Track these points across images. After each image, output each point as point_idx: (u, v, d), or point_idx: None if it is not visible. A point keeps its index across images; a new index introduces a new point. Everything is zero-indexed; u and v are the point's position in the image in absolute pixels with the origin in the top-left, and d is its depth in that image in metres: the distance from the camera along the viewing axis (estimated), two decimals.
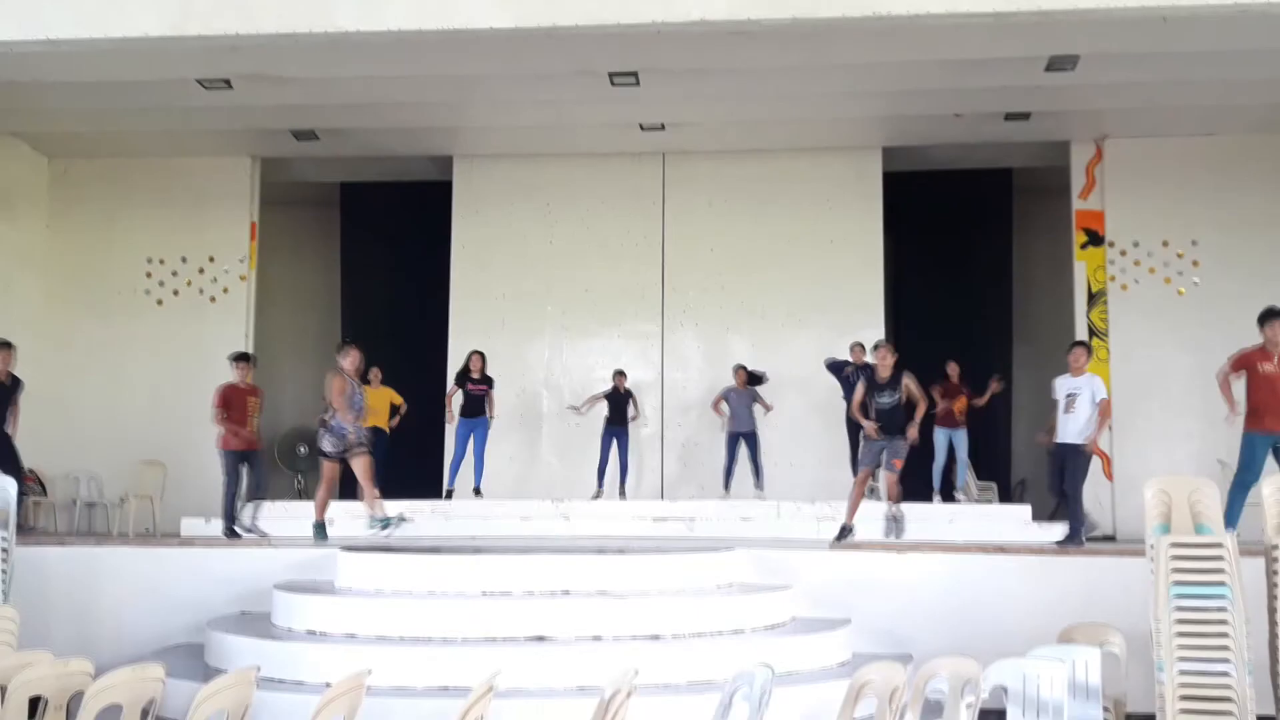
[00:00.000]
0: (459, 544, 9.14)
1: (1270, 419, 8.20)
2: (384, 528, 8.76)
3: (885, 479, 9.26)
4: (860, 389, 9.33)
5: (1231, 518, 7.94)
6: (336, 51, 9.21)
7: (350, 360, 8.99)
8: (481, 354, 11.79)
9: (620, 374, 12.29)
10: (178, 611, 8.02)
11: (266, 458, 14.19)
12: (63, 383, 12.94)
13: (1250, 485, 8.15)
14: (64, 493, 12.62)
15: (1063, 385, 8.95)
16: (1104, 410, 8.82)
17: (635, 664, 4.93)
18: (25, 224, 13.13)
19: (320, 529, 9.11)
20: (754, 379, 12.08)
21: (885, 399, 9.11)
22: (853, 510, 9.08)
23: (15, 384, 9.97)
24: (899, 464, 9.13)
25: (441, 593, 7.03)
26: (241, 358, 10.38)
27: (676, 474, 13.00)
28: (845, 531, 8.99)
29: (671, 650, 6.51)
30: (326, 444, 8.92)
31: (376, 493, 8.92)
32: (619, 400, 12.21)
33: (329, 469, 9.13)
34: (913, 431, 9.07)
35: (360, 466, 8.85)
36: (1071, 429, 8.76)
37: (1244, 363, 8.37)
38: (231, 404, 10.02)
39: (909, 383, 9.13)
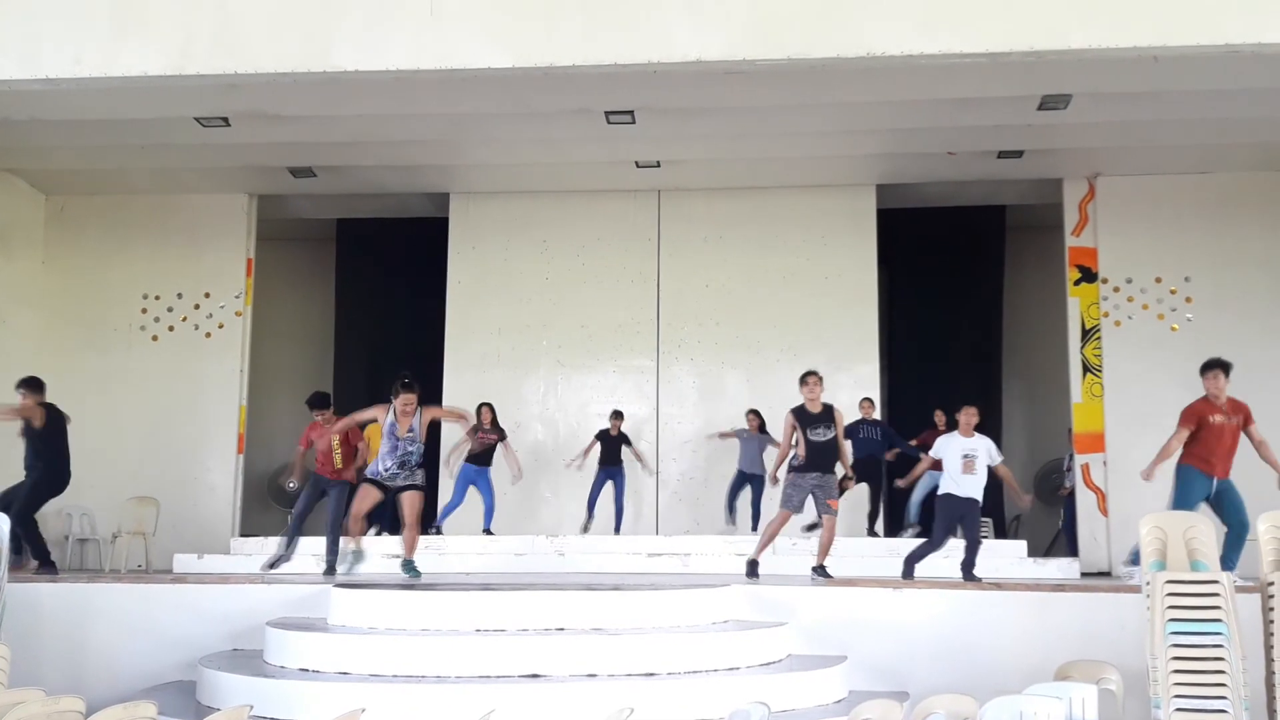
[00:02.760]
0: (453, 581, 9.10)
1: (1214, 464, 8.45)
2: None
3: (826, 523, 8.94)
4: (790, 421, 9.07)
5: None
6: (334, 90, 9.28)
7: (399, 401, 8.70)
8: (490, 406, 11.84)
9: (617, 415, 12.34)
10: (170, 649, 7.96)
11: (258, 494, 14.22)
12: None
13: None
14: (56, 529, 12.53)
15: (958, 445, 8.87)
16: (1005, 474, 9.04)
17: (630, 702, 4.92)
18: (22, 260, 13.15)
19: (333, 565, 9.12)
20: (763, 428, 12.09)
21: (818, 434, 8.94)
22: (764, 545, 9.09)
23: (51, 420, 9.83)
24: (834, 504, 8.96)
25: (435, 630, 6.99)
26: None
27: (671, 510, 12.97)
28: (754, 566, 8.99)
29: (667, 688, 6.48)
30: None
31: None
32: (612, 442, 12.24)
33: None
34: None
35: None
36: (971, 485, 8.80)
37: (1195, 418, 8.55)
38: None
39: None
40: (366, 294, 14.97)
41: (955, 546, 9.14)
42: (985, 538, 12.38)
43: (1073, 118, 10.35)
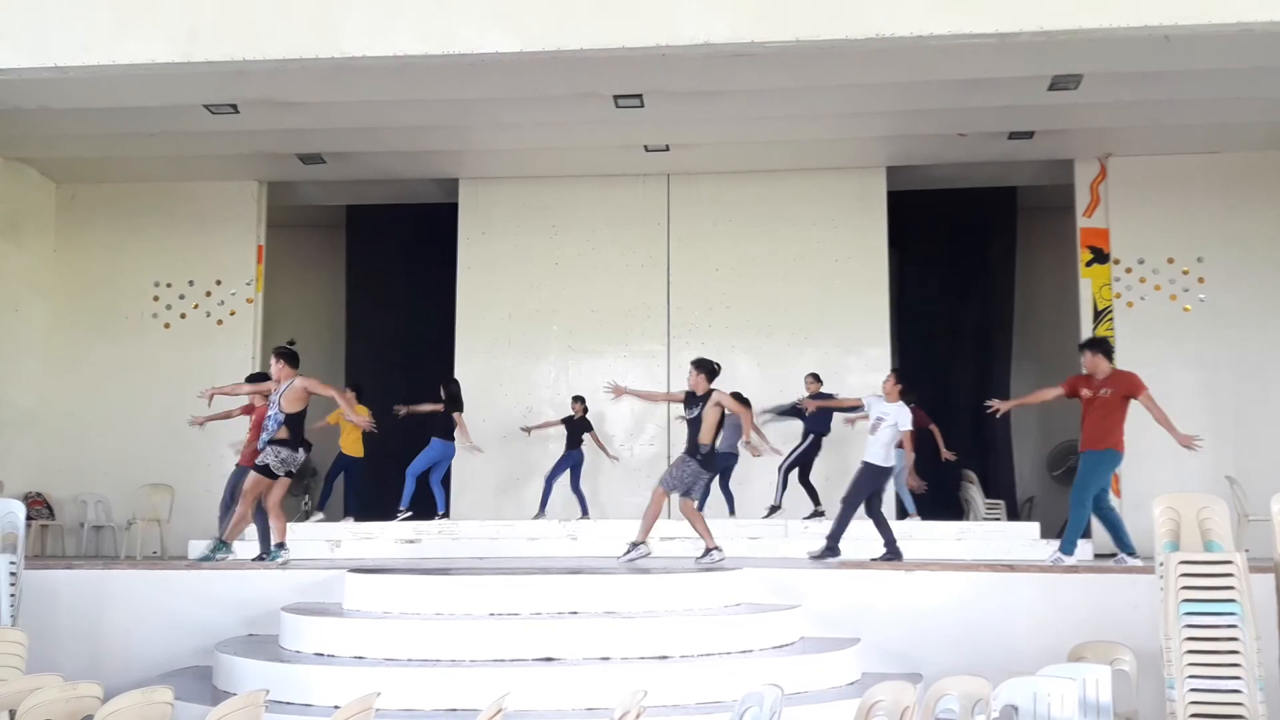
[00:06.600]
0: (466, 565, 9.13)
1: (1090, 440, 8.63)
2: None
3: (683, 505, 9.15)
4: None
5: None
6: (342, 76, 9.27)
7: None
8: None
9: (578, 400, 12.42)
10: (186, 634, 8.00)
11: None
12: (70, 406, 13.01)
13: (1089, 500, 8.57)
14: (72, 516, 12.68)
15: (875, 407, 9.21)
16: (906, 441, 9.19)
17: (644, 685, 4.93)
18: (33, 248, 13.20)
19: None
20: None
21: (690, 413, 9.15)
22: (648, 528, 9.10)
23: None
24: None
25: (449, 614, 7.02)
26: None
27: None
28: (636, 546, 8.98)
29: (680, 670, 6.49)
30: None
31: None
32: (574, 426, 12.31)
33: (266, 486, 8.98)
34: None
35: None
36: (870, 450, 9.08)
37: (1071, 387, 8.82)
38: None
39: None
40: (377, 280, 15.00)
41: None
42: (995, 518, 12.49)
43: (1084, 98, 10.30)
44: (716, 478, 11.64)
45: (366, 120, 11.21)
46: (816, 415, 11.56)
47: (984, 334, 14.28)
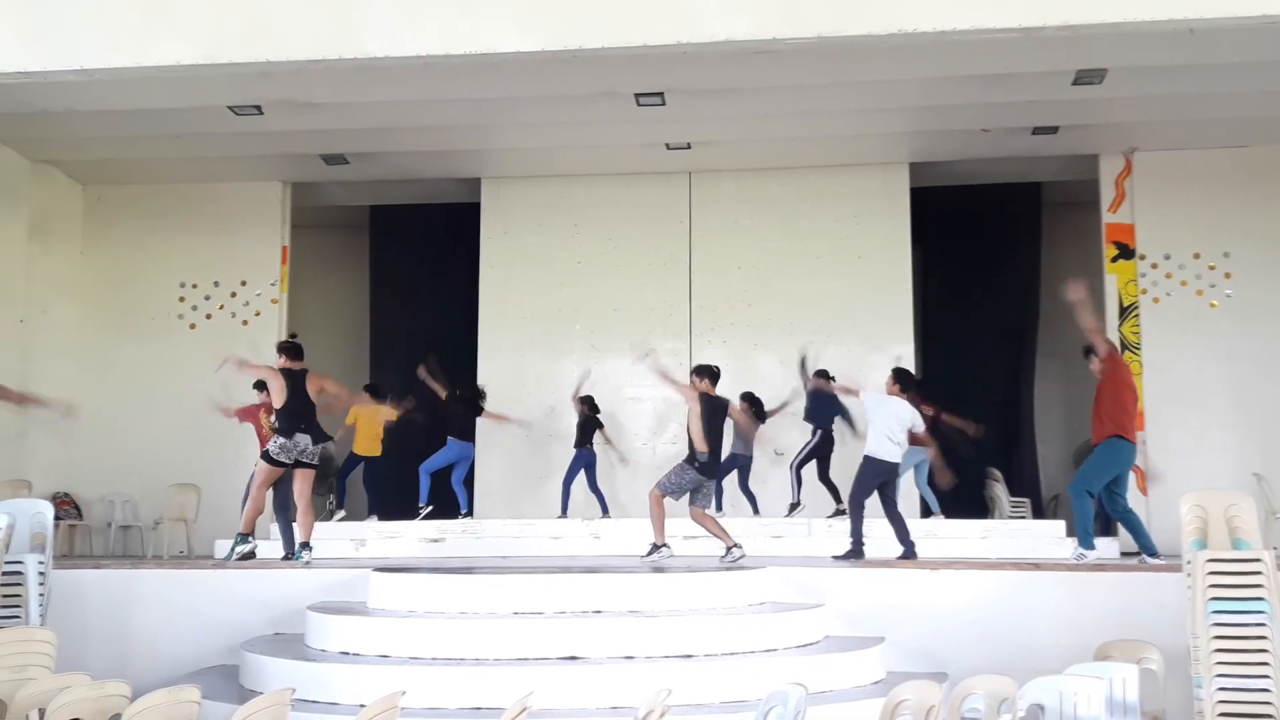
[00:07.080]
0: (490, 564, 9.15)
1: None
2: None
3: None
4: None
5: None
6: (365, 77, 9.31)
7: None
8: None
9: (583, 400, 12.45)
10: (212, 633, 8.07)
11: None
12: (97, 407, 13.07)
13: (1082, 492, 8.49)
14: (99, 516, 12.77)
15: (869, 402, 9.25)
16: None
17: (668, 683, 4.92)
18: (60, 250, 13.30)
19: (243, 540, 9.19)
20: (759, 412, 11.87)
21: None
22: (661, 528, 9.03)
23: None
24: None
25: (473, 613, 7.04)
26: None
27: None
28: (658, 549, 8.95)
29: (704, 669, 6.50)
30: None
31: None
32: (582, 426, 12.32)
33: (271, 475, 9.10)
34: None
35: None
36: (868, 444, 9.09)
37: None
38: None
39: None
40: (400, 279, 15.05)
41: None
42: (1020, 516, 12.44)
43: (1108, 92, 10.22)
44: (736, 477, 11.63)
45: (389, 120, 11.25)
46: (820, 409, 11.50)
47: (1009, 331, 14.20)
